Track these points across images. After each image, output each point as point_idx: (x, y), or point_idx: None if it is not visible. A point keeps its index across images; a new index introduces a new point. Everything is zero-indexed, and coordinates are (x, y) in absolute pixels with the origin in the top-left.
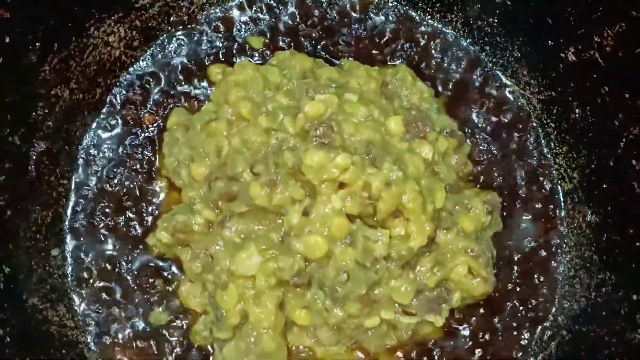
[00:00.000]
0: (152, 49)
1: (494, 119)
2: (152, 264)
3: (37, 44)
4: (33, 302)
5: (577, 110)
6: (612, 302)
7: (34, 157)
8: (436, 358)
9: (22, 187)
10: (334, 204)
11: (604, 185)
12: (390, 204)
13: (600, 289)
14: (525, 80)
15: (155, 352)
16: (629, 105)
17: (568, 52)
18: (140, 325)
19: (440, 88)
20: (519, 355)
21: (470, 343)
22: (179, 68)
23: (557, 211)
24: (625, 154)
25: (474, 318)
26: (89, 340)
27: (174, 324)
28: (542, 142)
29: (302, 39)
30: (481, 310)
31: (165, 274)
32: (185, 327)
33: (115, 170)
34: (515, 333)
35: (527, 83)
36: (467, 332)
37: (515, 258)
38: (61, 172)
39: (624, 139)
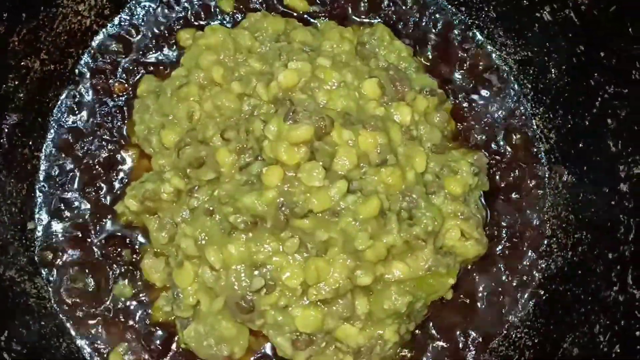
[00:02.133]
0: (119, 16)
1: (473, 78)
2: (119, 234)
3: (4, 14)
4: (10, 274)
5: (552, 70)
6: (588, 261)
7: (6, 130)
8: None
9: None
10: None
11: (580, 145)
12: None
13: (576, 248)
14: (502, 40)
15: (120, 328)
16: (604, 64)
17: (543, 11)
18: (106, 299)
19: (418, 48)
20: (502, 318)
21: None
22: (148, 34)
23: (539, 170)
24: (600, 114)
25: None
26: (60, 314)
27: (139, 297)
28: (522, 101)
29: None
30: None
31: (133, 244)
32: (147, 302)
33: (86, 140)
34: (499, 296)
35: (503, 44)
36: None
37: (499, 219)
38: (34, 144)
39: (599, 99)
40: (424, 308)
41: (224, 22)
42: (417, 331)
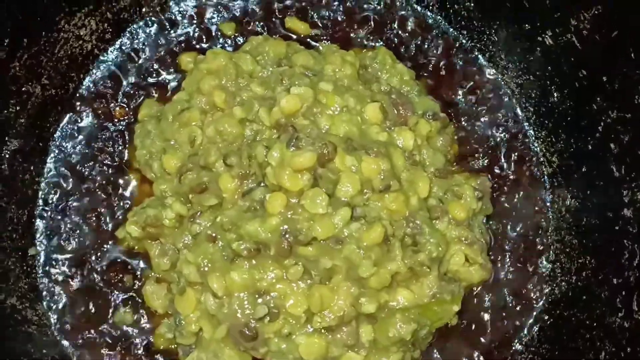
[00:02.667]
0: (120, 40)
1: (475, 101)
2: (121, 260)
3: (5, 40)
4: (11, 302)
5: (555, 94)
6: (592, 286)
7: (7, 156)
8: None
9: None
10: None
11: (583, 169)
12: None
13: (580, 273)
14: (503, 64)
15: (122, 355)
16: (607, 89)
17: (545, 35)
18: (108, 325)
19: (420, 71)
20: (507, 343)
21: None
22: (150, 58)
23: (543, 194)
24: (603, 138)
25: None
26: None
27: (140, 324)
28: (524, 124)
29: (277, 21)
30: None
31: (135, 270)
32: (149, 329)
33: (87, 165)
34: (503, 322)
35: (505, 67)
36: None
37: (502, 243)
38: (35, 169)
39: (602, 123)
40: (429, 335)
41: (226, 45)
42: (421, 358)
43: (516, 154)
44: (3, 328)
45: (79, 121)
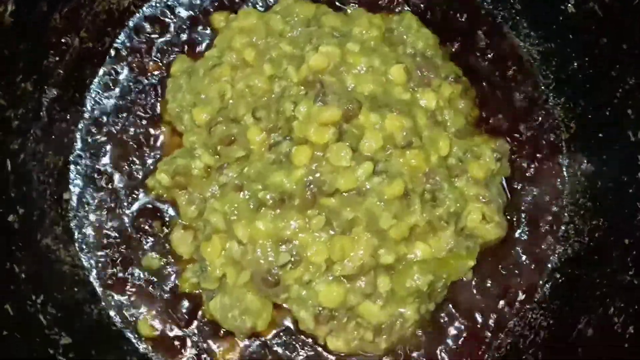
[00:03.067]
0: None
1: (497, 67)
2: (150, 207)
3: None
4: (46, 242)
5: (575, 62)
6: (604, 246)
7: (46, 104)
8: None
9: (35, 132)
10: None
11: (599, 135)
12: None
13: (593, 234)
14: (526, 32)
15: (149, 297)
16: (627, 56)
17: (568, 3)
18: (135, 269)
19: (444, 37)
20: (518, 298)
21: (475, 286)
22: (183, 16)
23: (559, 159)
24: (621, 104)
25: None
26: (92, 281)
27: (166, 269)
28: (544, 91)
29: None
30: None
31: (163, 217)
32: (175, 273)
33: (120, 116)
34: (516, 278)
35: (527, 35)
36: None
37: (518, 203)
38: (72, 118)
39: (620, 90)
40: (444, 288)
41: (257, 5)
42: (436, 312)
43: (535, 118)
44: (38, 266)
45: (114, 74)
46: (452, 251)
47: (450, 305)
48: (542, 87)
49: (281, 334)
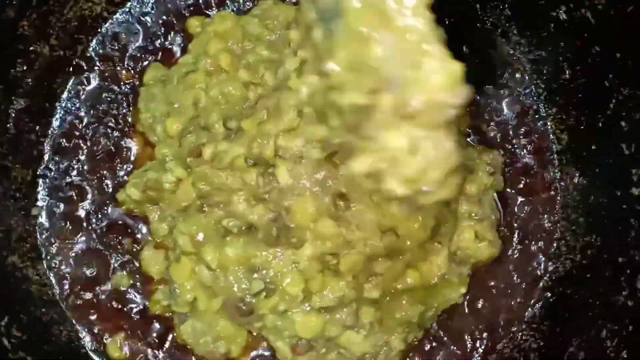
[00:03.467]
0: (129, 3)
1: (487, 75)
2: (121, 222)
3: None
4: (13, 260)
5: (567, 71)
6: (597, 264)
7: (13, 115)
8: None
9: (2, 145)
10: None
11: (592, 147)
12: None
13: (585, 251)
14: (516, 39)
15: (119, 318)
16: (620, 65)
17: (559, 10)
18: (106, 288)
19: None
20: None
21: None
22: (158, 22)
23: (551, 171)
24: (614, 115)
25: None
26: (60, 301)
27: (137, 288)
28: (535, 101)
29: None
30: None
31: (135, 233)
32: (146, 294)
33: (91, 126)
34: (507, 299)
35: (518, 42)
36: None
37: (511, 219)
38: (41, 130)
39: (613, 100)
40: (434, 316)
41: (235, 10)
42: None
43: (526, 129)
44: (3, 286)
45: (86, 83)
46: (444, 278)
47: (437, 327)
48: (534, 97)
49: (257, 359)
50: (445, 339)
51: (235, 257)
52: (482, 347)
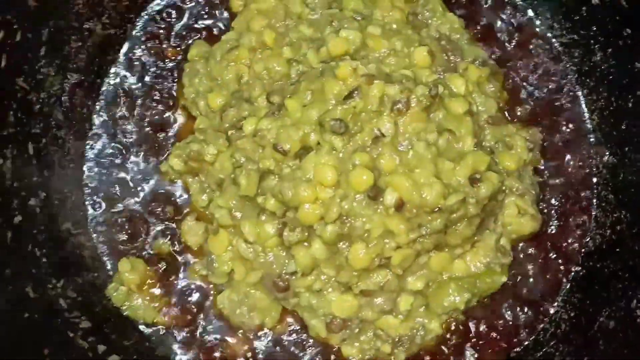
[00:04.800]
0: None
1: (522, 55)
2: (163, 191)
3: None
4: (67, 226)
5: (598, 53)
6: (626, 239)
7: (68, 89)
8: None
9: (57, 117)
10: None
11: (622, 127)
12: None
13: (615, 227)
14: (549, 23)
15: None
16: None
17: None
18: (147, 253)
19: (470, 22)
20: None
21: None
22: (201, 1)
23: (582, 150)
24: None
25: None
26: (107, 264)
27: (177, 256)
28: (567, 82)
29: None
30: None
31: (177, 202)
32: (185, 262)
33: (138, 100)
34: (543, 273)
35: (550, 26)
36: None
37: (545, 195)
38: (92, 103)
39: None
40: (474, 302)
41: None
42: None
43: (560, 108)
44: (59, 249)
45: (134, 59)
46: (489, 266)
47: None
48: (565, 78)
49: (291, 331)
50: (479, 314)
51: (275, 232)
52: (519, 322)
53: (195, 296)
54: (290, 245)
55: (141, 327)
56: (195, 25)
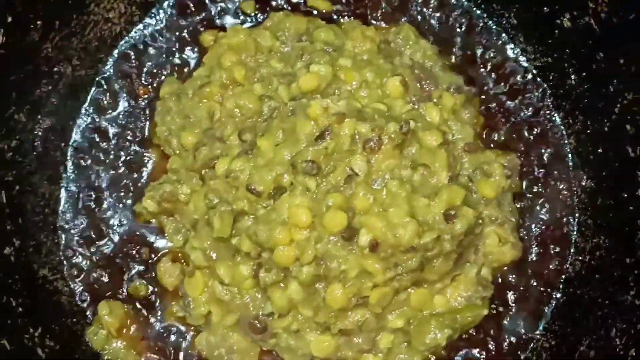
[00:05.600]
0: (144, 21)
1: (497, 80)
2: (138, 234)
3: (38, 22)
4: (44, 273)
5: (572, 77)
6: (605, 265)
7: (40, 134)
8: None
9: (29, 163)
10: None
11: (599, 151)
12: None
13: (594, 253)
14: (522, 46)
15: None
16: (624, 71)
17: (563, 18)
18: (125, 296)
19: (443, 48)
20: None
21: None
22: (172, 38)
23: (561, 174)
24: (619, 119)
25: None
26: (86, 310)
27: (154, 298)
28: (541, 106)
29: None
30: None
31: (152, 244)
32: (162, 303)
33: (111, 142)
34: (524, 300)
35: (524, 49)
36: None
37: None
38: (65, 146)
39: (618, 105)
40: (456, 337)
41: (248, 22)
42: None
43: (536, 133)
44: (35, 298)
45: (105, 99)
46: (471, 300)
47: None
48: (540, 102)
49: None
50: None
51: (250, 275)
52: (502, 352)
53: (173, 338)
54: (266, 286)
55: None
56: (167, 63)
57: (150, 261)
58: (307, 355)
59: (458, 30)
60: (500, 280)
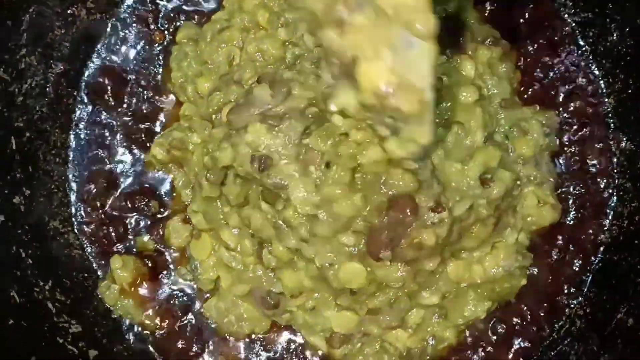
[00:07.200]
0: None
1: (533, 35)
2: (148, 185)
3: None
4: (54, 225)
5: (615, 33)
6: None
7: (52, 79)
8: None
9: (41, 109)
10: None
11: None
12: None
13: (633, 217)
14: (562, 0)
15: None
16: None
17: None
18: (135, 250)
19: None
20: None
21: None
22: None
23: (599, 134)
24: None
25: None
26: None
27: (163, 254)
28: (580, 63)
29: None
30: None
31: (162, 196)
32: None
33: (125, 87)
34: (559, 267)
35: (563, 4)
36: None
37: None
38: (78, 92)
39: None
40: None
41: None
42: None
43: (573, 92)
44: (45, 250)
45: (120, 44)
46: (510, 269)
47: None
48: (579, 59)
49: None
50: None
51: (252, 251)
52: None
53: (182, 300)
54: (272, 267)
55: (133, 331)
56: (184, 7)
57: (159, 215)
58: (327, 330)
59: None
60: (535, 246)
